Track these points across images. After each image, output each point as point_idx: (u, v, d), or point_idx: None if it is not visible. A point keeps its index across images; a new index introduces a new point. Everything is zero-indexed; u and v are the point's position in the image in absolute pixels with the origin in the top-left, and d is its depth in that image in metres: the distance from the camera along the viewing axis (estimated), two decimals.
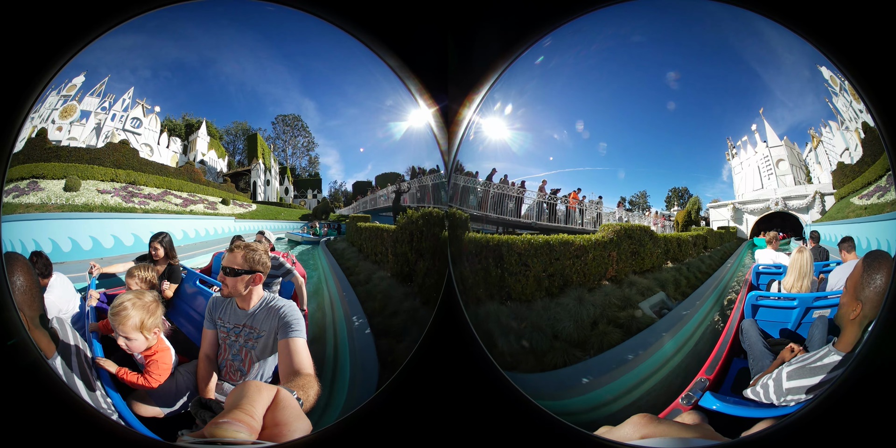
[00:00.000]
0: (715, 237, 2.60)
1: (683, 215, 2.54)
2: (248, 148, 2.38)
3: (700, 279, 2.45)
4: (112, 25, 1.57)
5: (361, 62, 2.02)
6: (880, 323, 1.46)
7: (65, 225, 1.99)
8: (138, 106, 2.02)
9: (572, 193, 2.41)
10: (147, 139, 2.12)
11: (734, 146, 2.20)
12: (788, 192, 2.30)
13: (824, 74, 1.79)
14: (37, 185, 1.88)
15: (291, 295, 2.49)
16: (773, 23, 1.62)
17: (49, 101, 1.84)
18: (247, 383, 0.81)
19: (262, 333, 1.90)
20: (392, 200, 2.44)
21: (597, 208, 2.53)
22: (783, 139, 2.15)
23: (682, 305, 2.25)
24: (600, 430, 1.18)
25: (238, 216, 2.46)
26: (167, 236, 2.28)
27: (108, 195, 2.07)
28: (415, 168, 2.37)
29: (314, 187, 2.63)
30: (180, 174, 2.24)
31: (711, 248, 2.63)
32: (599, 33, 1.96)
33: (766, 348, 1.89)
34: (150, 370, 1.88)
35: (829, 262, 2.06)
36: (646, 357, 2.02)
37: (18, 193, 1.84)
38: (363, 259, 2.64)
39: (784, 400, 1.63)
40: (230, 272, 1.93)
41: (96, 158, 2.02)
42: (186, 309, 2.30)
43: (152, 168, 2.16)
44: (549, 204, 2.47)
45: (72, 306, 1.99)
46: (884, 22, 1.44)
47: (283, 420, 0.77)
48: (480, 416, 1.78)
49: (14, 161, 1.63)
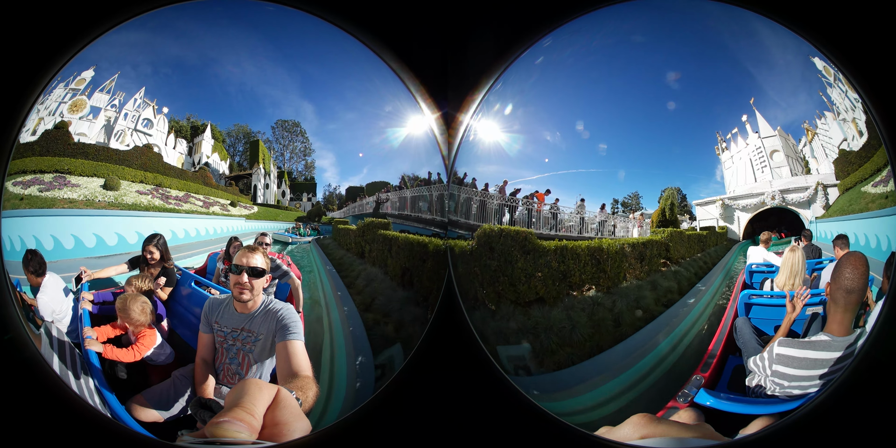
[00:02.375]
0: (682, 243, 2.27)
1: (657, 214, 2.29)
2: (250, 153, 2.49)
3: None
4: (117, 22, 1.58)
5: (362, 66, 2.04)
6: (879, 322, 1.48)
7: (69, 222, 2.03)
8: (149, 107, 2.08)
9: (538, 194, 2.26)
10: (156, 140, 2.19)
11: (724, 140, 2.08)
12: (786, 184, 2.07)
13: (818, 65, 1.74)
14: (65, 180, 1.96)
15: (287, 297, 2.48)
16: (768, 20, 1.64)
17: (56, 94, 1.84)
18: (247, 381, 0.80)
19: (260, 336, 1.89)
20: (373, 208, 2.54)
21: (578, 212, 2.36)
22: (777, 130, 2.01)
23: (679, 304, 2.24)
24: (600, 431, 1.19)
25: (246, 217, 2.61)
26: (162, 238, 2.25)
27: (147, 196, 2.20)
28: (405, 177, 2.40)
29: (309, 191, 2.72)
30: (196, 178, 2.36)
31: (677, 258, 2.28)
32: (598, 33, 1.96)
33: (760, 345, 1.91)
34: (140, 342, 1.97)
35: (822, 259, 2.07)
36: (641, 356, 2.03)
37: (45, 187, 1.91)
38: (360, 260, 2.66)
39: (774, 369, 1.71)
40: (256, 273, 1.88)
41: (125, 160, 2.13)
42: (182, 312, 2.27)
43: (173, 172, 2.29)
44: (509, 206, 2.31)
45: (65, 307, 1.97)
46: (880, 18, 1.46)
47: (282, 420, 0.77)
48: (480, 416, 1.78)
49: (28, 152, 1.65)
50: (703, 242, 2.31)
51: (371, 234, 2.53)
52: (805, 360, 1.65)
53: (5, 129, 1.56)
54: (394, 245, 2.42)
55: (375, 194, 2.51)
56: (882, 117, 1.51)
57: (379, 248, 2.53)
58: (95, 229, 2.06)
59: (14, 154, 1.66)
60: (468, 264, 2.17)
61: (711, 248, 2.36)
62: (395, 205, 2.50)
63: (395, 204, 2.50)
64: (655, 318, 2.14)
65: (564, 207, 2.34)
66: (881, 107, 1.51)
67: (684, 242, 2.32)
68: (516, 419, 1.76)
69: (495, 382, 1.88)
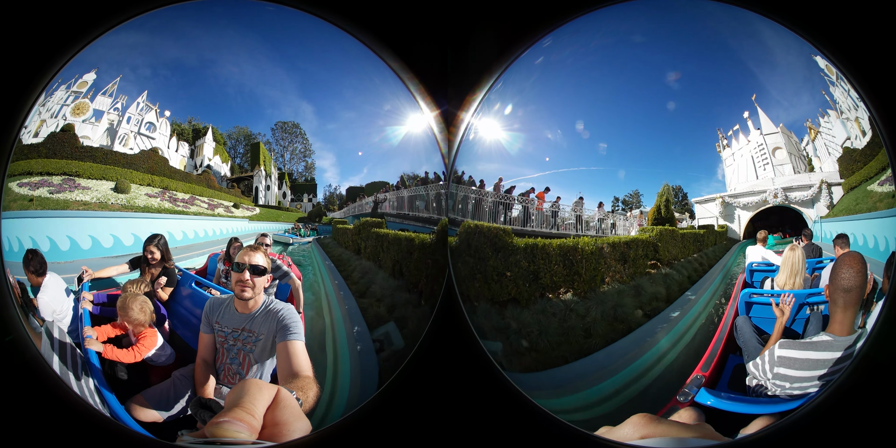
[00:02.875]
0: (675, 243, 2.10)
1: (653, 211, 2.18)
2: (251, 156, 2.55)
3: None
4: (115, 24, 1.58)
5: (361, 66, 2.04)
6: (879, 322, 1.48)
7: (75, 223, 2.06)
8: (152, 111, 2.13)
9: (539, 193, 2.22)
10: (160, 143, 2.25)
11: (725, 137, 2.03)
12: (789, 181, 2.00)
13: (820, 64, 1.71)
14: (75, 182, 2.01)
15: (287, 297, 2.49)
16: (769, 21, 1.63)
17: (58, 96, 1.87)
18: (247, 381, 0.80)
19: (261, 337, 1.89)
20: (371, 208, 2.59)
21: (576, 210, 2.30)
22: (779, 126, 1.95)
23: (676, 302, 2.20)
24: (600, 431, 1.19)
25: (249, 219, 2.69)
26: (163, 238, 2.26)
27: (156, 199, 2.27)
28: (404, 177, 2.42)
29: (310, 192, 2.77)
30: (200, 181, 2.43)
31: (668, 260, 2.08)
32: (598, 33, 1.95)
33: (761, 344, 1.91)
34: (141, 343, 1.97)
35: (822, 258, 2.06)
36: (640, 354, 2.02)
37: (55, 189, 1.96)
38: (357, 256, 2.69)
39: (776, 371, 1.69)
40: (259, 271, 1.89)
41: (132, 163, 2.18)
42: (183, 312, 2.28)
43: (178, 175, 2.35)
44: (503, 204, 2.28)
45: (65, 308, 1.97)
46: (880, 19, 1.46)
47: (282, 420, 0.77)
48: (480, 415, 1.78)
49: (34, 153, 1.67)
50: (700, 242, 2.17)
51: (366, 232, 2.59)
52: (807, 361, 1.64)
53: (5, 128, 1.56)
54: (384, 241, 2.48)
55: (374, 195, 2.55)
56: (882, 118, 1.51)
57: (373, 244, 2.58)
58: (112, 230, 2.14)
59: (17, 155, 1.68)
60: (455, 260, 2.17)
61: (709, 249, 2.24)
62: (392, 204, 2.53)
63: (392, 204, 2.53)
64: (633, 330, 2.00)
65: (564, 205, 2.30)
66: (881, 107, 1.51)
67: (677, 242, 2.17)
68: (516, 419, 1.76)
69: (495, 382, 1.88)
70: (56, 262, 1.90)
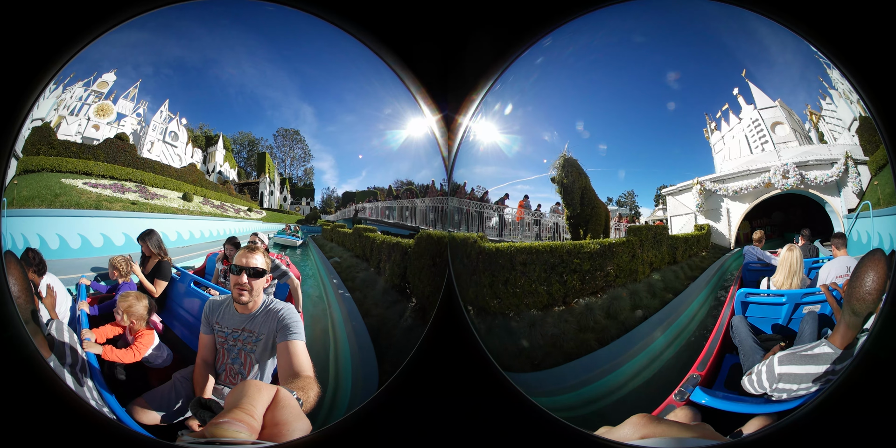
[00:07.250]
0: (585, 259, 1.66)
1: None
2: (257, 164, 2.83)
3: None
4: (117, 22, 1.58)
5: (361, 69, 2.06)
6: (880, 320, 1.45)
7: (91, 222, 2.16)
8: (174, 120, 2.28)
9: (519, 202, 2.16)
10: (179, 151, 2.46)
11: (713, 120, 1.60)
12: (803, 154, 1.37)
13: (817, 63, 1.58)
14: (148, 191, 2.29)
15: (286, 297, 2.48)
16: (767, 20, 1.61)
17: (77, 93, 1.96)
18: (246, 382, 0.81)
19: (261, 337, 1.89)
20: (353, 216, 2.79)
21: (552, 217, 2.16)
22: (777, 101, 1.48)
23: (674, 302, 2.20)
24: (600, 431, 1.19)
25: (262, 220, 2.96)
26: (155, 234, 2.27)
27: (207, 206, 2.61)
28: (391, 187, 2.50)
29: (308, 196, 2.93)
30: (223, 190, 2.73)
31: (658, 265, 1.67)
32: (598, 33, 1.95)
33: (757, 344, 1.91)
34: (138, 341, 1.99)
35: (818, 259, 2.06)
36: (637, 352, 2.03)
37: (140, 194, 2.20)
38: (360, 260, 2.74)
39: (776, 387, 1.60)
40: (256, 273, 1.87)
41: (181, 176, 2.48)
42: (181, 312, 2.28)
43: (210, 186, 2.66)
44: (479, 213, 2.21)
45: (64, 308, 1.97)
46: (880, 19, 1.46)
47: (282, 420, 0.77)
48: (480, 415, 1.78)
49: (65, 151, 1.81)
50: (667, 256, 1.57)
51: (366, 234, 2.77)
52: (808, 376, 1.60)
53: (5, 129, 1.55)
54: (385, 244, 2.62)
55: (359, 203, 2.76)
56: (882, 118, 1.50)
57: (373, 246, 2.70)
58: (184, 228, 2.47)
59: (64, 152, 1.86)
60: (455, 260, 2.17)
61: (682, 263, 1.68)
62: (374, 212, 2.74)
63: (374, 211, 2.73)
64: (630, 330, 1.93)
65: (545, 213, 2.24)
66: (882, 108, 1.50)
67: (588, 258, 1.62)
68: (516, 419, 1.77)
69: (495, 381, 1.88)
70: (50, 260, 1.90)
